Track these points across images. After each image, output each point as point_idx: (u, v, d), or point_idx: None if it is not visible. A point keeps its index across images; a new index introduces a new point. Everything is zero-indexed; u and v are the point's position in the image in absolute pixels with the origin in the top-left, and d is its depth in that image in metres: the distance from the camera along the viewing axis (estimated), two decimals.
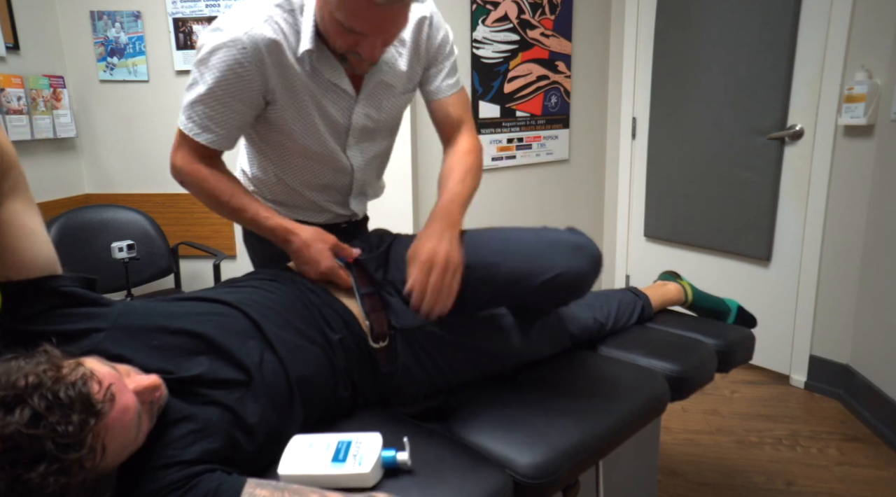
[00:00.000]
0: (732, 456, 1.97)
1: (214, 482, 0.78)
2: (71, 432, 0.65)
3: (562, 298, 1.21)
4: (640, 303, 1.57)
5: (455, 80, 1.32)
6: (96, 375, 0.71)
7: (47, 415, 0.64)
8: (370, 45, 1.06)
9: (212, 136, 1.14)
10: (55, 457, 0.64)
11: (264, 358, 0.96)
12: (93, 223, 2.38)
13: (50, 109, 2.40)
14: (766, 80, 2.37)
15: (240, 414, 0.88)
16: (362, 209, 1.46)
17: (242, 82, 1.09)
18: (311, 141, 1.23)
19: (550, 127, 2.97)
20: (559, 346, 1.37)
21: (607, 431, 1.10)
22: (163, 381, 0.82)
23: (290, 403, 0.97)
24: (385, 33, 1.06)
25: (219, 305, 1.01)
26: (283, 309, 1.06)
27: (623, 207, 3.12)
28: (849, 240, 2.22)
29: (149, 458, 0.78)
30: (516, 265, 1.10)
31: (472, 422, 1.08)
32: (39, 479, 0.63)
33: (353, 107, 1.22)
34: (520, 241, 1.14)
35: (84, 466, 0.66)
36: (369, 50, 1.06)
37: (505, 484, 0.92)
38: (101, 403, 0.69)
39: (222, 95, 1.10)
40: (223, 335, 0.94)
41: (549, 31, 2.84)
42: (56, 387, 0.67)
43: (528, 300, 1.17)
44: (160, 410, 0.82)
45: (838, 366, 2.32)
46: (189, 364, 0.89)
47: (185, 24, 2.49)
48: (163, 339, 0.90)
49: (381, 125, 1.31)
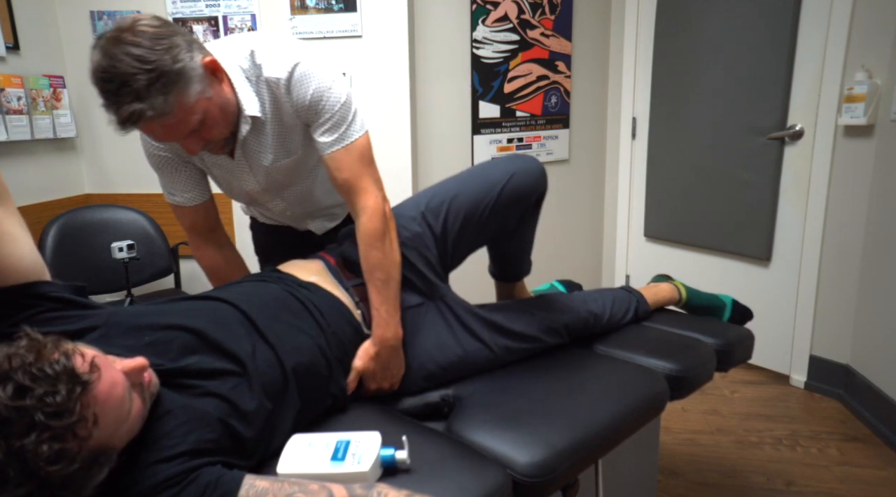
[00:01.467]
0: (732, 456, 1.97)
1: (214, 475, 0.79)
2: (59, 401, 0.66)
3: (524, 199, 1.29)
4: (635, 299, 1.58)
5: (336, 136, 1.15)
6: (78, 350, 0.73)
7: (33, 387, 0.65)
8: (182, 146, 1.08)
9: (183, 197, 1.29)
10: (46, 425, 0.65)
11: (257, 347, 0.97)
12: (93, 223, 2.38)
13: (50, 109, 2.41)
14: (766, 80, 2.37)
15: (235, 403, 0.89)
16: (324, 226, 1.50)
17: (156, 158, 1.24)
18: (234, 193, 1.34)
19: (550, 127, 2.97)
20: (554, 337, 1.37)
21: (606, 430, 1.10)
22: (151, 368, 0.82)
23: (284, 391, 0.98)
24: (170, 140, 1.06)
25: (209, 301, 1.03)
26: (274, 301, 1.09)
27: (623, 207, 3.12)
28: (849, 240, 2.22)
29: (147, 451, 0.79)
30: (473, 187, 1.26)
31: (471, 420, 1.08)
32: (33, 446, 0.64)
33: (238, 173, 1.26)
34: (466, 173, 1.33)
35: (77, 434, 0.67)
36: (184, 148, 1.09)
37: (504, 482, 0.92)
38: (87, 375, 0.70)
39: (156, 167, 1.26)
40: (214, 327, 0.95)
41: (549, 31, 2.84)
42: (39, 363, 0.68)
43: (496, 216, 1.27)
44: (153, 397, 0.82)
45: (838, 366, 2.32)
46: (181, 357, 0.90)
47: (184, 25, 2.49)
48: (154, 335, 0.91)
49: (287, 183, 1.31)
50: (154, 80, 0.92)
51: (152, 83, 0.92)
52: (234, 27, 2.49)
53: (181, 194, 1.28)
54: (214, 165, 1.25)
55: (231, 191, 1.34)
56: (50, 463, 0.65)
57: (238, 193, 1.34)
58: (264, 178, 1.26)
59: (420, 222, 1.26)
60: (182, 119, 1.00)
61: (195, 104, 1.00)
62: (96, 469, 0.71)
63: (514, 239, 1.40)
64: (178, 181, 1.27)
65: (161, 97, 0.94)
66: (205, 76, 1.01)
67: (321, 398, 1.07)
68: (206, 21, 2.48)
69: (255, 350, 0.96)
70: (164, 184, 1.29)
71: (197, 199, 1.30)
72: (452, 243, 1.28)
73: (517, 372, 1.26)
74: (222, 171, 1.27)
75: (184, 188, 1.28)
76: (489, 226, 1.30)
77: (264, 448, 0.92)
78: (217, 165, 1.25)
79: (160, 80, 0.93)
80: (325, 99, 1.12)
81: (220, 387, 0.89)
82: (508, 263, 1.50)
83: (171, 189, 1.28)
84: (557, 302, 1.44)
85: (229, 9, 2.48)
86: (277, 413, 0.95)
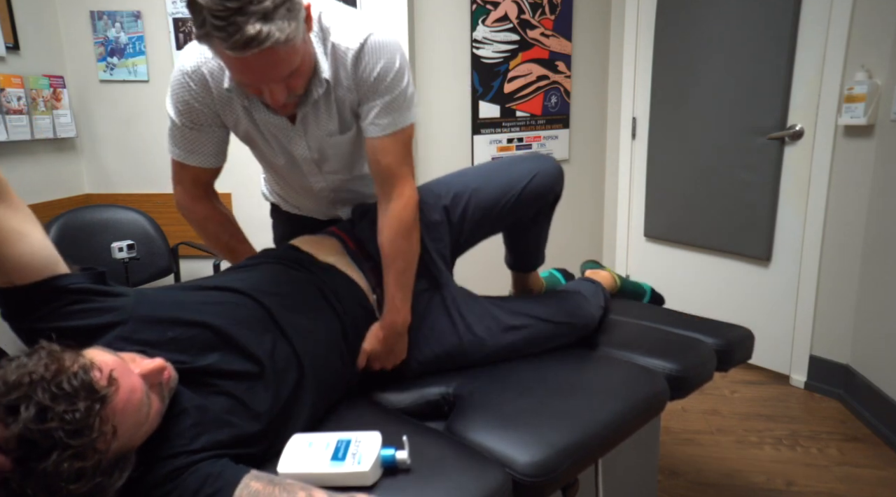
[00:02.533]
0: (732, 456, 1.97)
1: (217, 467, 0.81)
2: (78, 419, 0.66)
3: (541, 199, 1.33)
4: (601, 289, 1.63)
5: (389, 120, 1.10)
6: (96, 364, 0.73)
7: (53, 406, 0.66)
8: (268, 92, 1.00)
9: (197, 158, 1.20)
10: (66, 444, 0.65)
11: (276, 345, 0.98)
12: (93, 223, 2.38)
13: (50, 109, 2.41)
14: (766, 80, 2.37)
15: (248, 404, 0.90)
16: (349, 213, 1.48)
17: (194, 111, 1.14)
18: (276, 162, 1.27)
19: (550, 127, 2.97)
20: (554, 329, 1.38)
21: (606, 430, 1.10)
22: (170, 364, 0.83)
23: (301, 386, 0.99)
24: (267, 80, 0.97)
25: (230, 294, 1.02)
26: (294, 291, 1.09)
27: (623, 207, 3.12)
28: (849, 240, 2.22)
29: (159, 447, 0.80)
30: (495, 183, 1.28)
31: (471, 420, 1.08)
32: (53, 467, 0.64)
33: (293, 138, 1.19)
34: (489, 167, 1.35)
35: (97, 449, 0.68)
36: (269, 96, 1.01)
37: (504, 482, 0.92)
38: (105, 389, 0.70)
39: (186, 123, 1.16)
40: (236, 327, 0.95)
41: (549, 31, 2.84)
42: (58, 379, 0.68)
43: (513, 213, 1.31)
44: (171, 393, 0.83)
45: (838, 366, 2.31)
46: (202, 355, 0.90)
47: (185, 24, 2.49)
48: (176, 331, 0.91)
49: (335, 161, 1.25)
50: (280, 3, 0.86)
51: (278, 7, 0.85)
52: None
53: (201, 155, 1.20)
54: (269, 129, 1.17)
55: (273, 161, 1.26)
56: (71, 481, 0.65)
57: (281, 165, 1.26)
58: (318, 152, 1.20)
59: (441, 212, 1.28)
60: (288, 56, 0.92)
61: (300, 45, 0.94)
62: (116, 476, 0.72)
63: (531, 233, 1.44)
64: (206, 142, 1.19)
65: (285, 22, 0.86)
66: (303, 20, 0.94)
67: (337, 388, 1.09)
68: None
69: (274, 348, 0.98)
70: (188, 140, 1.18)
71: (213, 163, 1.23)
72: (467, 235, 1.32)
73: (517, 371, 1.26)
74: (274, 138, 1.19)
75: (209, 151, 1.20)
76: (504, 221, 1.34)
77: (277, 438, 0.93)
78: (272, 130, 1.17)
79: (285, 4, 0.86)
80: (389, 78, 1.07)
81: (236, 387, 0.90)
82: (523, 255, 1.53)
83: (194, 147, 1.18)
84: (559, 299, 1.46)
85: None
86: (293, 406, 0.97)
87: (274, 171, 1.34)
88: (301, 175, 1.29)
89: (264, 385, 0.93)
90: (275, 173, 1.37)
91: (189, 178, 1.24)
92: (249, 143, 1.25)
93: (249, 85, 1.00)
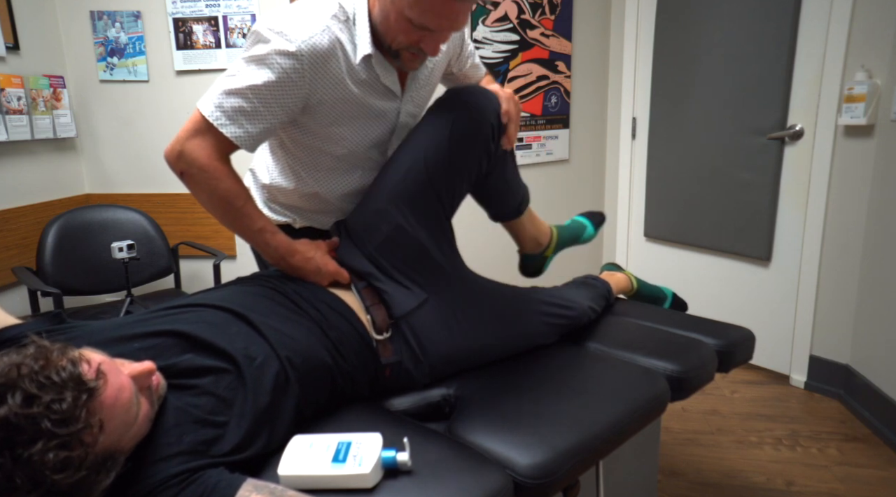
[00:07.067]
0: (732, 456, 1.97)
1: (213, 478, 0.79)
2: (65, 409, 0.66)
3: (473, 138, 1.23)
4: (605, 289, 1.62)
5: (478, 58, 1.42)
6: (85, 357, 0.73)
7: (41, 395, 0.66)
8: (435, 41, 1.10)
9: (240, 131, 1.08)
10: (53, 433, 0.65)
11: (251, 342, 0.97)
12: (93, 223, 2.38)
13: (50, 109, 2.40)
14: (766, 80, 2.37)
15: (231, 401, 0.89)
16: None
17: (289, 90, 1.08)
18: (356, 144, 1.23)
19: (550, 127, 2.97)
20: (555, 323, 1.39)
21: (607, 432, 1.10)
22: (158, 372, 0.83)
23: (285, 383, 0.97)
24: (456, 28, 1.09)
25: (193, 307, 1.02)
26: (267, 300, 1.08)
27: (623, 207, 3.12)
28: (849, 240, 2.22)
29: (148, 451, 0.80)
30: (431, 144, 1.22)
31: (472, 422, 1.08)
32: (39, 455, 0.64)
33: (399, 107, 1.24)
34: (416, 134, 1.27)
35: (83, 441, 0.68)
36: (433, 45, 1.10)
37: (505, 484, 0.92)
38: (93, 381, 0.70)
39: (267, 96, 1.07)
40: (202, 328, 0.95)
41: (549, 31, 2.84)
42: (46, 370, 0.68)
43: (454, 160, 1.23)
44: (160, 400, 0.83)
45: (838, 366, 2.32)
46: (174, 358, 0.90)
47: (185, 24, 2.49)
48: (143, 342, 0.91)
49: (418, 120, 1.32)
50: None
51: None
52: (235, 27, 2.49)
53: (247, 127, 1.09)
54: (371, 100, 1.18)
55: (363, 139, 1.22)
56: (56, 471, 0.65)
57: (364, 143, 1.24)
58: (408, 116, 1.28)
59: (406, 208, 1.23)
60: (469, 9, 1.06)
61: None
62: (103, 474, 0.71)
63: (491, 177, 1.33)
64: (264, 116, 1.10)
65: None
66: None
67: (323, 383, 1.05)
68: (206, 21, 2.48)
69: (248, 344, 0.96)
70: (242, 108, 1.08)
71: (248, 142, 1.12)
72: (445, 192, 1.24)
73: (518, 372, 1.26)
74: (373, 114, 1.20)
75: (256, 122, 1.10)
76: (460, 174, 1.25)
77: (266, 439, 0.92)
78: (375, 101, 1.19)
79: None
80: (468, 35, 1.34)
81: (216, 386, 0.89)
82: (496, 201, 1.42)
83: (245, 117, 1.08)
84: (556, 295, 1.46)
85: (229, 9, 2.47)
86: (277, 404, 0.95)
87: (333, 159, 1.25)
88: (373, 157, 1.29)
89: (244, 381, 0.92)
90: (327, 162, 1.27)
91: (214, 138, 1.10)
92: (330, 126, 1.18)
93: (434, 31, 1.08)
